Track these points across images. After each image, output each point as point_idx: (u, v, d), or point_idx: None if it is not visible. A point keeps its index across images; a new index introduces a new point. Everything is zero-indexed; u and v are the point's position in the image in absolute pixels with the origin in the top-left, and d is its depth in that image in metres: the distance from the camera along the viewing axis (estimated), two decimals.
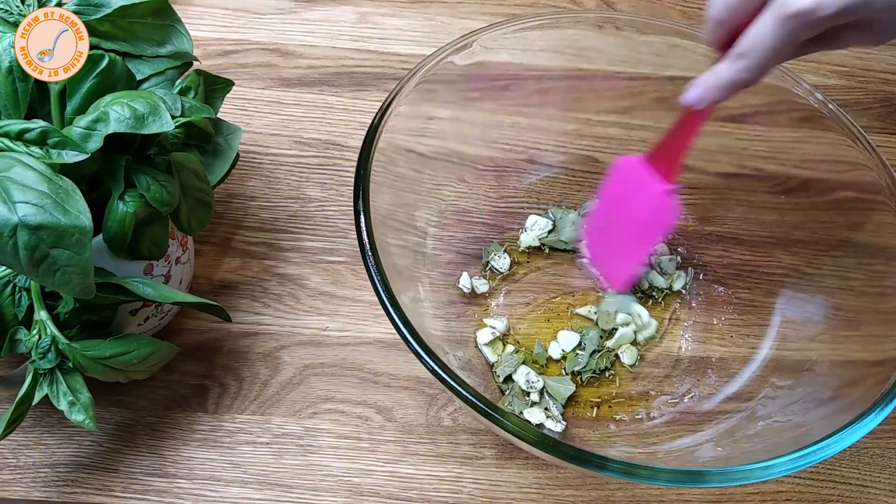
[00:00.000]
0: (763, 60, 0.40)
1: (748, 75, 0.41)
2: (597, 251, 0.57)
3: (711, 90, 0.43)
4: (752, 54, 0.40)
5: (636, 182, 0.51)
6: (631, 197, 0.53)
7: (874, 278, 0.52)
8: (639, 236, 0.53)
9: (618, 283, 0.55)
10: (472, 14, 0.74)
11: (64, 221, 0.37)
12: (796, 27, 0.38)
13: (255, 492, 0.49)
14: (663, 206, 0.50)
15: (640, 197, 0.52)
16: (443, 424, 0.52)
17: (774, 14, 0.38)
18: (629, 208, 0.53)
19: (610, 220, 0.55)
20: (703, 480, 0.40)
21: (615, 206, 0.54)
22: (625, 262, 0.54)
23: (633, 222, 0.53)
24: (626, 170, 0.52)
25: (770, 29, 0.39)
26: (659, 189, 0.50)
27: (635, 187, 0.52)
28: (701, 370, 0.55)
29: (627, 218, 0.53)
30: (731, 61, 0.41)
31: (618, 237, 0.54)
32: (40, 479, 0.49)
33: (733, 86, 0.42)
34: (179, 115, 0.46)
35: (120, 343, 0.44)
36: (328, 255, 0.59)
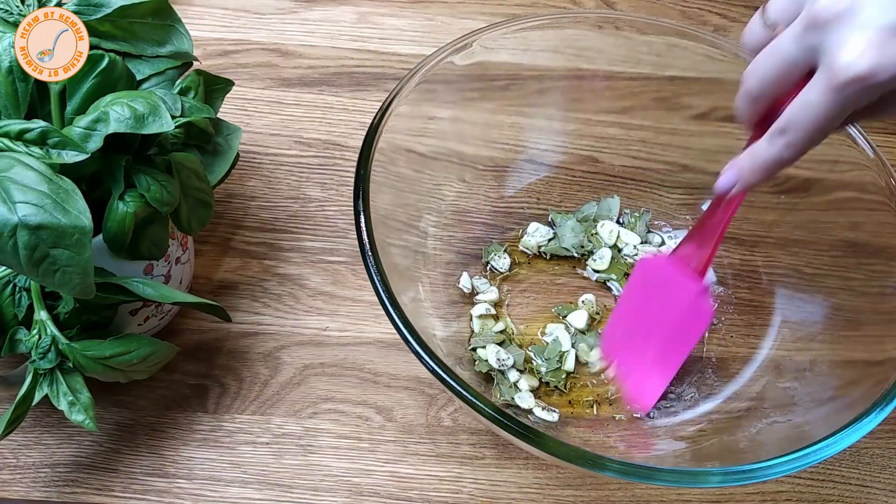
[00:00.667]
0: (809, 136, 0.36)
1: (791, 153, 0.37)
2: (619, 363, 0.51)
3: (749, 173, 0.39)
4: (797, 130, 0.36)
5: (666, 283, 0.46)
6: (660, 300, 0.47)
7: (874, 278, 0.52)
8: (670, 346, 0.48)
9: (645, 402, 0.49)
10: (472, 14, 0.74)
11: (64, 221, 0.37)
12: (850, 96, 0.34)
13: (254, 492, 0.49)
14: (697, 309, 0.46)
15: (669, 299, 0.47)
16: (443, 424, 0.52)
17: (824, 83, 0.34)
18: (657, 313, 0.48)
19: (634, 328, 0.50)
20: (703, 480, 0.40)
21: (640, 312, 0.49)
22: (653, 377, 0.49)
23: (662, 329, 0.48)
24: (652, 269, 0.48)
25: (819, 100, 0.35)
26: (692, 289, 0.45)
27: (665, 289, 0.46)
28: (700, 370, 0.55)
29: (655, 324, 0.48)
30: (770, 139, 0.37)
31: (644, 347, 0.49)
32: (40, 479, 0.49)
33: (774, 167, 0.38)
34: (179, 115, 0.46)
35: (120, 343, 0.44)
36: (328, 255, 0.59)
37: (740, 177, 0.40)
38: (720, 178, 0.41)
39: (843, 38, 0.34)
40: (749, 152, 0.39)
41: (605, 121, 0.62)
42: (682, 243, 0.47)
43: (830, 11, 0.34)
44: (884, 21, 0.33)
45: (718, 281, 0.59)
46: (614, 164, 0.62)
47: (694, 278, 0.46)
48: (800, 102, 0.36)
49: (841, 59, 0.34)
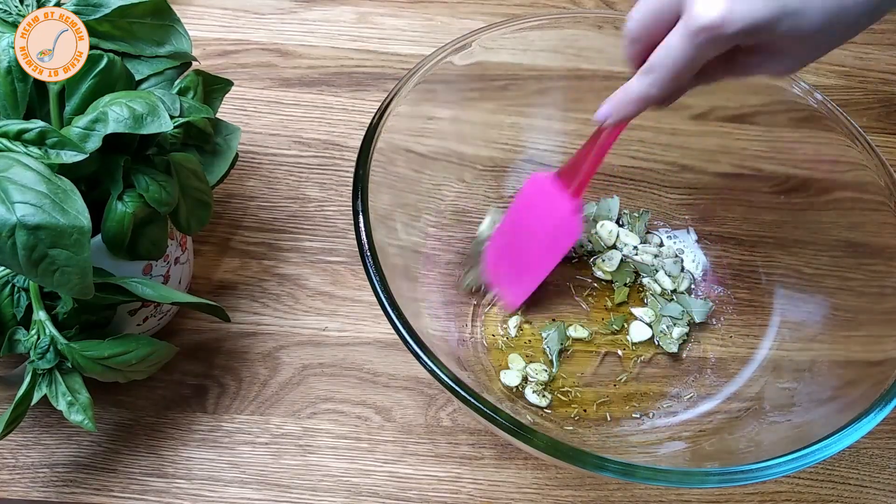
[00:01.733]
0: (671, 75, 0.40)
1: (656, 90, 0.41)
2: (497, 270, 0.55)
3: (621, 106, 0.44)
4: (660, 69, 0.40)
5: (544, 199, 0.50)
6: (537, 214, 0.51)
7: (874, 278, 0.52)
8: (541, 256, 0.52)
9: (512, 302, 0.54)
10: (471, 14, 0.74)
11: (62, 221, 0.37)
12: (703, 42, 0.38)
13: (253, 492, 0.49)
14: (567, 224, 0.49)
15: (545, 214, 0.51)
16: (442, 425, 0.52)
17: (682, 29, 0.39)
18: (534, 226, 0.52)
19: (514, 238, 0.54)
20: (703, 480, 0.40)
21: (521, 223, 0.53)
22: (524, 281, 0.53)
23: (535, 240, 0.52)
24: (538, 185, 0.51)
25: (677, 44, 0.39)
26: (565, 206, 0.49)
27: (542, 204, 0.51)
28: (700, 370, 0.55)
29: (532, 236, 0.52)
30: (639, 77, 0.42)
31: (519, 256, 0.53)
32: (39, 480, 0.49)
33: (642, 101, 0.42)
34: (178, 116, 0.46)
35: (119, 343, 0.44)
36: (327, 256, 0.59)
37: (614, 109, 0.44)
38: (598, 110, 0.45)
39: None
40: (622, 88, 0.43)
41: None
42: (564, 167, 0.50)
43: None
44: None
45: (718, 281, 0.59)
46: (614, 164, 0.62)
47: (569, 198, 0.50)
48: (663, 46, 0.40)
49: (696, 8, 0.38)
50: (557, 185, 0.50)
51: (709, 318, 0.57)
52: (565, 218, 0.50)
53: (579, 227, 0.50)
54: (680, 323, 0.56)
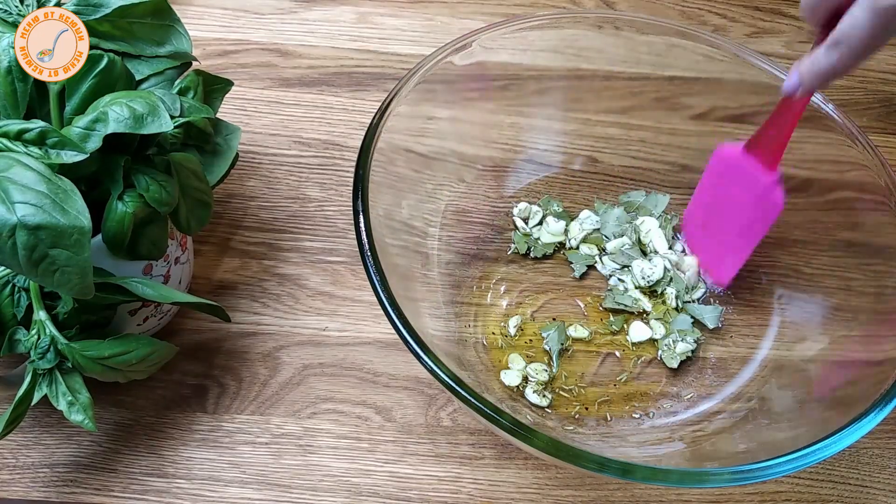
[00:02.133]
0: (858, 50, 0.40)
1: (844, 65, 0.41)
2: (698, 244, 0.57)
3: (810, 77, 0.43)
4: (847, 45, 0.40)
5: (739, 172, 0.51)
6: (734, 187, 0.52)
7: (874, 278, 0.52)
8: (745, 229, 0.53)
9: (722, 278, 0.55)
10: (471, 14, 0.74)
11: (63, 221, 0.37)
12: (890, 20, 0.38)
13: (254, 492, 0.49)
14: (769, 197, 0.50)
15: (744, 187, 0.51)
16: (442, 424, 0.52)
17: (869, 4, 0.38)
18: (733, 200, 0.53)
19: (712, 212, 0.55)
20: (703, 480, 0.40)
21: (717, 198, 0.54)
22: (730, 257, 0.54)
23: (738, 214, 0.53)
24: (727, 160, 0.52)
25: (862, 20, 0.39)
26: (765, 180, 0.50)
27: (738, 178, 0.51)
28: (700, 370, 0.55)
29: (731, 210, 0.53)
30: (826, 50, 0.42)
31: (721, 230, 0.54)
32: (39, 480, 0.49)
33: (831, 74, 0.42)
34: (178, 116, 0.46)
35: (119, 343, 0.44)
36: (327, 255, 0.59)
37: (802, 81, 0.44)
38: (786, 80, 0.45)
39: None
40: (810, 59, 0.43)
41: (605, 121, 0.62)
42: (754, 138, 0.50)
43: None
44: None
45: None
46: (614, 164, 0.62)
47: (766, 171, 0.50)
48: (849, 19, 0.39)
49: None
50: (749, 156, 0.51)
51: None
52: (767, 190, 0.50)
53: (782, 197, 0.50)
54: (687, 339, 0.55)
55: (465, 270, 0.58)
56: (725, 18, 0.76)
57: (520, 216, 0.60)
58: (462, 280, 0.57)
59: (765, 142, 0.50)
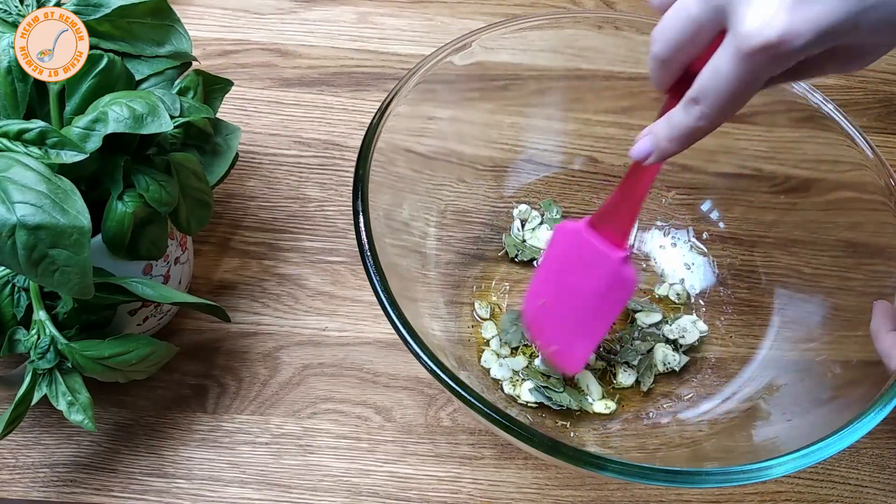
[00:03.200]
0: (722, 106, 0.34)
1: (706, 123, 0.35)
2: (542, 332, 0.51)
3: (666, 143, 0.37)
4: (710, 99, 0.34)
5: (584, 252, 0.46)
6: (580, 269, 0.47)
7: (874, 278, 0.52)
8: (595, 312, 0.48)
9: (574, 366, 0.50)
10: (471, 14, 0.74)
11: (63, 221, 0.37)
12: (760, 65, 0.32)
13: (254, 492, 0.49)
14: (621, 277, 0.46)
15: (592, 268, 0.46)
16: (442, 424, 0.52)
17: (733, 50, 0.32)
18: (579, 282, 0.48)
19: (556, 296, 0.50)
20: (703, 480, 0.40)
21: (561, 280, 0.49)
22: (581, 342, 0.49)
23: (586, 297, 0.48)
24: (570, 239, 0.47)
25: (728, 69, 0.32)
26: (614, 259, 0.45)
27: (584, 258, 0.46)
28: (700, 370, 0.55)
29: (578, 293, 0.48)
30: (684, 108, 0.35)
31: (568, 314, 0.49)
32: (39, 480, 0.49)
33: (690, 136, 0.36)
34: (178, 116, 0.46)
35: (119, 343, 0.44)
36: (327, 255, 0.59)
37: (657, 146, 0.38)
38: (636, 144, 0.38)
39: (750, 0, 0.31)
40: (665, 120, 0.37)
41: (605, 121, 0.62)
42: (600, 212, 0.46)
43: None
44: None
45: (718, 281, 0.59)
46: (614, 164, 0.62)
47: (615, 247, 0.45)
48: (710, 70, 0.33)
49: (748, 24, 0.31)
50: (594, 234, 0.46)
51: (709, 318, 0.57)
52: (617, 270, 0.45)
53: (633, 277, 0.45)
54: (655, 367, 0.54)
55: (465, 270, 0.58)
56: None
57: (519, 217, 0.60)
58: (462, 280, 0.57)
59: (611, 216, 0.45)
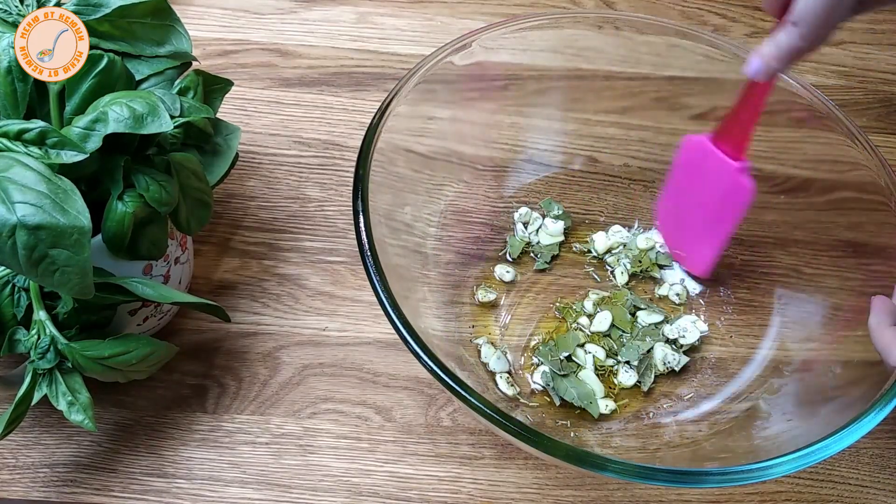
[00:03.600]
0: (817, 27, 0.40)
1: (805, 43, 0.41)
2: (673, 236, 0.57)
3: (773, 59, 0.43)
4: (807, 21, 0.40)
5: (707, 161, 0.51)
6: (704, 177, 0.52)
7: (874, 278, 0.52)
8: (717, 218, 0.53)
9: (701, 269, 0.55)
10: (471, 14, 0.74)
11: (63, 221, 0.37)
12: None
13: (254, 492, 0.49)
14: (738, 185, 0.50)
15: (713, 177, 0.51)
16: (442, 424, 0.52)
17: None
18: (703, 189, 0.53)
19: (683, 203, 0.55)
20: (703, 480, 0.40)
21: (687, 188, 0.54)
22: (706, 247, 0.54)
23: (709, 204, 0.53)
24: (695, 149, 0.52)
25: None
26: (732, 168, 0.50)
27: (707, 167, 0.51)
28: (700, 370, 0.55)
29: (702, 200, 0.53)
30: (787, 29, 0.41)
31: (694, 220, 0.54)
32: (39, 480, 0.49)
33: (793, 54, 0.42)
34: (178, 116, 0.46)
35: (119, 343, 0.44)
36: (327, 255, 0.59)
37: (765, 63, 0.43)
38: (747, 63, 0.44)
39: None
40: (771, 41, 0.43)
41: (605, 121, 0.62)
42: (720, 126, 0.50)
43: None
44: None
45: (718, 281, 0.59)
46: (614, 164, 0.62)
47: (734, 157, 0.50)
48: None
49: None
50: (716, 146, 0.51)
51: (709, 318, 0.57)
52: (735, 177, 0.50)
53: (751, 185, 0.50)
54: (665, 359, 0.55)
55: (465, 270, 0.58)
56: (725, 18, 0.77)
57: (521, 220, 0.60)
58: (462, 280, 0.57)
59: (731, 130, 0.50)
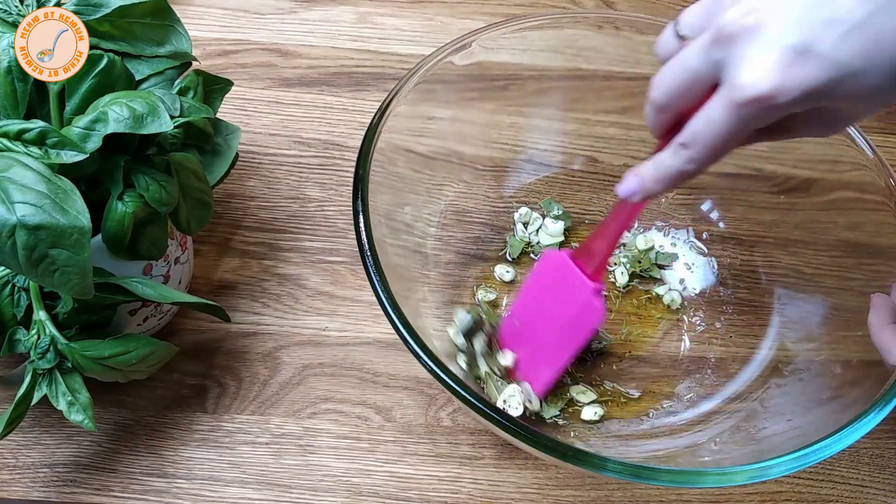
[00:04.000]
0: (709, 152, 0.36)
1: (692, 167, 0.37)
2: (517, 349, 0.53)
3: (651, 182, 0.39)
4: (698, 145, 0.36)
5: (565, 277, 0.48)
6: (555, 296, 0.49)
7: (874, 278, 0.52)
8: (561, 339, 0.50)
9: (538, 390, 0.51)
10: (471, 14, 0.74)
11: (63, 222, 0.37)
12: (749, 115, 0.34)
13: (254, 492, 0.49)
14: (591, 306, 0.47)
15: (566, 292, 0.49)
16: (442, 424, 0.52)
17: (725, 100, 0.34)
18: (553, 308, 0.50)
19: (531, 318, 0.52)
20: (703, 480, 0.40)
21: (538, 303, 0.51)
22: (543, 369, 0.51)
23: (557, 322, 0.50)
24: (553, 264, 0.50)
25: (719, 117, 0.35)
26: (586, 288, 0.47)
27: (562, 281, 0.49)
28: (700, 370, 0.55)
29: (551, 319, 0.50)
30: (673, 151, 0.37)
31: (540, 337, 0.51)
32: (39, 480, 0.49)
33: (676, 178, 0.38)
34: (178, 116, 0.46)
35: (119, 343, 0.44)
36: (327, 255, 0.59)
37: (642, 186, 0.40)
38: (622, 183, 0.41)
39: (747, 56, 0.33)
40: (653, 162, 0.39)
41: (605, 121, 0.62)
42: (583, 243, 0.48)
43: (736, 26, 0.34)
44: (789, 41, 0.32)
45: (718, 281, 0.59)
46: (614, 164, 0.62)
47: (590, 278, 0.48)
48: (702, 118, 0.36)
49: (742, 77, 0.33)
50: (575, 264, 0.48)
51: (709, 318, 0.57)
52: (587, 302, 0.48)
53: (601, 311, 0.47)
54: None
55: (465, 270, 0.58)
56: None
57: (521, 221, 0.60)
58: (462, 280, 0.57)
59: (590, 250, 0.47)
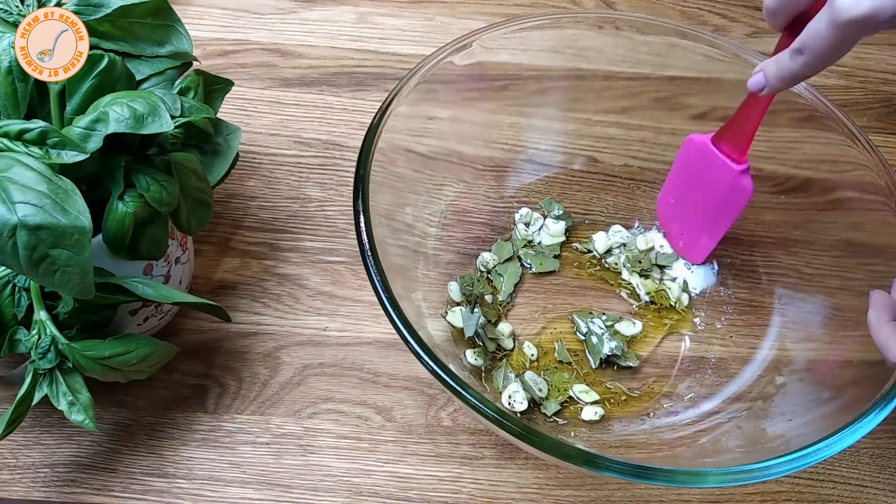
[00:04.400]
0: (820, 58, 0.41)
1: (808, 70, 0.42)
2: (672, 227, 0.60)
3: (774, 80, 0.45)
4: (811, 53, 0.41)
5: (708, 162, 0.54)
6: (704, 177, 0.55)
7: (874, 278, 0.52)
8: (716, 214, 0.56)
9: (698, 258, 0.59)
10: (471, 14, 0.74)
11: (63, 222, 0.37)
12: (852, 32, 0.38)
13: (254, 492, 0.49)
14: (739, 186, 0.53)
15: (713, 177, 0.54)
16: (442, 424, 0.52)
17: (828, 18, 0.39)
18: (703, 188, 0.55)
19: (683, 198, 0.58)
20: (703, 480, 0.40)
21: (688, 185, 0.57)
22: (703, 239, 0.57)
23: (709, 201, 0.55)
24: (697, 149, 0.55)
25: (824, 33, 0.39)
26: (734, 171, 0.52)
27: (708, 167, 0.54)
28: (700, 370, 0.55)
29: (702, 197, 0.56)
30: (791, 55, 0.43)
31: (693, 214, 0.57)
32: (40, 479, 0.49)
33: (795, 78, 0.44)
34: (179, 116, 0.46)
35: (119, 343, 0.44)
36: (328, 255, 0.59)
37: (767, 82, 0.45)
38: (751, 77, 0.46)
39: None
40: (775, 61, 0.44)
41: (605, 121, 0.62)
42: (722, 130, 0.53)
43: None
44: None
45: (718, 281, 0.59)
46: (614, 164, 0.62)
47: (735, 159, 0.53)
48: (811, 30, 0.40)
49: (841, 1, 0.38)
50: (718, 146, 0.53)
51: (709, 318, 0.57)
52: (736, 180, 0.53)
53: (750, 188, 0.53)
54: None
55: (465, 270, 0.58)
56: (725, 18, 0.77)
57: (522, 221, 0.60)
58: None
59: (732, 134, 0.52)
